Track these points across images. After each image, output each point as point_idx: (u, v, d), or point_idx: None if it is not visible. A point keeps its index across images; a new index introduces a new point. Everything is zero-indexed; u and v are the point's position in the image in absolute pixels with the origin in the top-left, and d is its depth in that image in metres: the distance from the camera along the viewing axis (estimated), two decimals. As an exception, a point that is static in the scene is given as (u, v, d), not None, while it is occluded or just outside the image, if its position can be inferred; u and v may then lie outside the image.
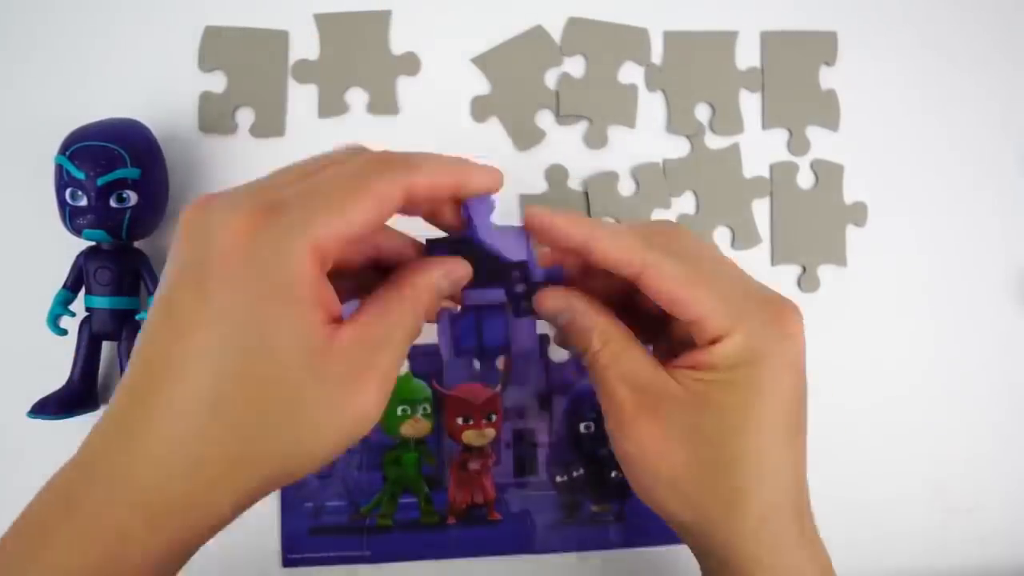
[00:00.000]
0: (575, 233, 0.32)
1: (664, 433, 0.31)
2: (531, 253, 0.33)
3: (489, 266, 0.33)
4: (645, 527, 0.47)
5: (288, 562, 0.45)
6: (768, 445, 0.31)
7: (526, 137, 0.48)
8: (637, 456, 0.32)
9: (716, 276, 0.32)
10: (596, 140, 0.48)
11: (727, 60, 0.49)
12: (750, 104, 0.49)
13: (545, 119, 0.48)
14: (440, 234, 0.33)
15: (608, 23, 0.48)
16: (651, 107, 0.49)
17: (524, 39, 0.48)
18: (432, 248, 0.32)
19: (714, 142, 0.49)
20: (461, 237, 0.32)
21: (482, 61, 0.48)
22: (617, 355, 0.32)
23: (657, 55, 0.49)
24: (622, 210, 0.48)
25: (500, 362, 0.47)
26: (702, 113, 0.49)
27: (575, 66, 0.48)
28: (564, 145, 0.48)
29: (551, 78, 0.48)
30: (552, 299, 0.34)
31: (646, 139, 0.49)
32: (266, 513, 0.45)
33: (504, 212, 0.47)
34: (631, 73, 0.49)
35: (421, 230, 0.32)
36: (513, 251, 0.32)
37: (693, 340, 0.32)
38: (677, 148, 0.49)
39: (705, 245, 0.34)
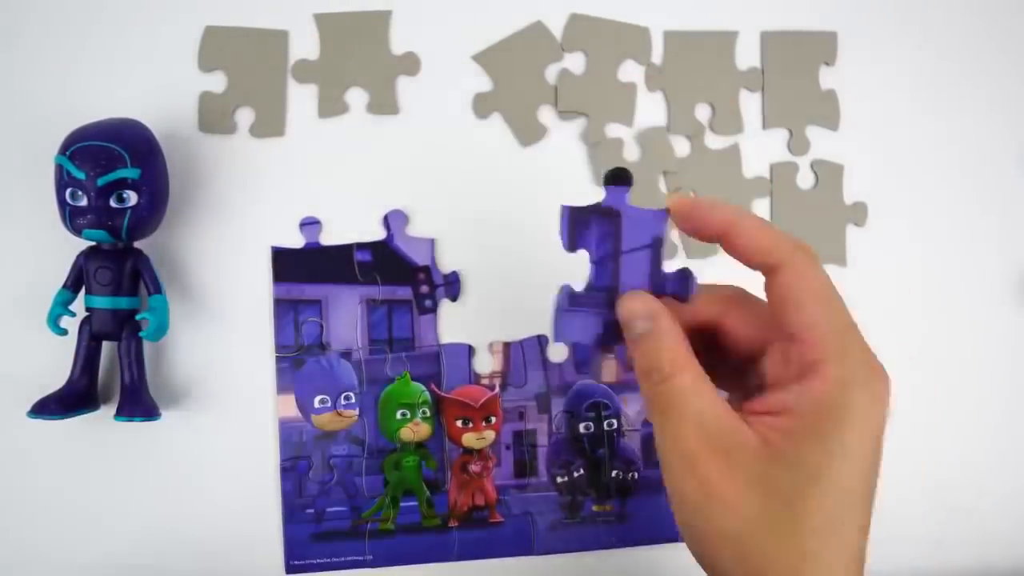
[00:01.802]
0: (720, 217, 0.31)
1: (735, 483, 0.28)
2: (667, 235, 0.32)
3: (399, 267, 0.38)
4: (645, 527, 0.47)
5: (291, 568, 0.45)
6: (845, 509, 0.28)
7: (529, 133, 0.48)
8: (700, 502, 0.29)
9: (835, 302, 0.30)
10: (594, 136, 0.48)
11: (727, 60, 0.49)
12: (750, 104, 0.49)
13: (547, 115, 0.48)
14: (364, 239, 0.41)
15: (610, 20, 0.48)
16: (651, 107, 0.49)
17: (525, 35, 0.48)
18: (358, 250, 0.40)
19: (715, 142, 0.49)
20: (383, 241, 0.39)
21: (483, 58, 0.48)
22: (688, 388, 0.30)
23: (657, 55, 0.49)
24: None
25: (499, 362, 0.47)
26: (702, 113, 0.49)
27: (575, 62, 0.48)
28: (566, 141, 0.48)
29: (552, 74, 0.48)
30: (641, 301, 0.31)
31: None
32: (268, 520, 0.45)
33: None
34: (631, 72, 0.49)
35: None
36: (649, 230, 0.32)
37: (776, 379, 0.30)
38: (678, 148, 0.49)
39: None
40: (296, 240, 0.46)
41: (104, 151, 0.40)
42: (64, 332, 0.42)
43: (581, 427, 0.47)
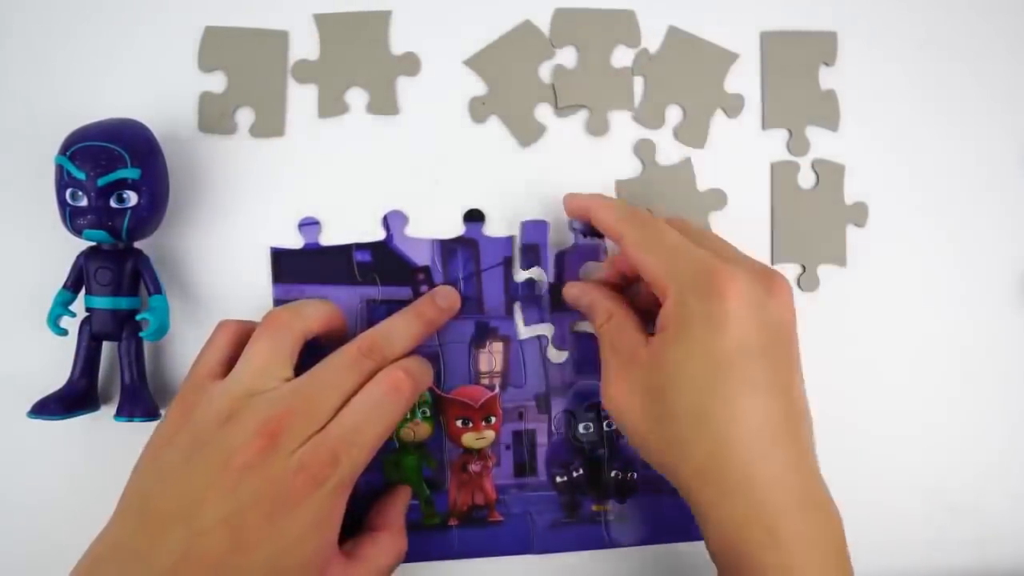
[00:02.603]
0: (581, 203, 0.42)
1: (629, 389, 0.38)
2: (515, 254, 0.47)
3: (398, 268, 0.45)
4: (644, 527, 0.47)
5: (288, 563, 0.45)
6: (700, 399, 0.35)
7: (528, 133, 0.48)
8: (612, 410, 0.39)
9: (664, 243, 0.38)
10: (598, 127, 0.48)
11: (718, 77, 0.49)
12: (750, 104, 0.49)
13: (544, 113, 0.48)
14: (363, 239, 0.46)
15: (595, 9, 0.48)
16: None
17: (513, 36, 0.48)
18: (357, 251, 0.46)
19: (668, 157, 0.49)
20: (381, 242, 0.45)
21: (475, 62, 0.48)
22: (613, 328, 0.40)
23: (648, 42, 0.49)
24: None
25: (499, 362, 0.47)
26: (672, 115, 0.49)
27: (567, 57, 0.48)
28: (566, 137, 0.48)
29: (545, 71, 0.48)
30: (572, 288, 0.44)
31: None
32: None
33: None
34: (624, 57, 0.49)
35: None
36: (500, 252, 0.46)
37: None
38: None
39: (693, 227, 0.41)
40: (295, 241, 0.46)
41: (104, 151, 0.40)
42: (64, 332, 0.42)
43: (581, 427, 0.47)
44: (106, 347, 0.44)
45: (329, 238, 0.46)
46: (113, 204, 0.40)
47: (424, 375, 0.41)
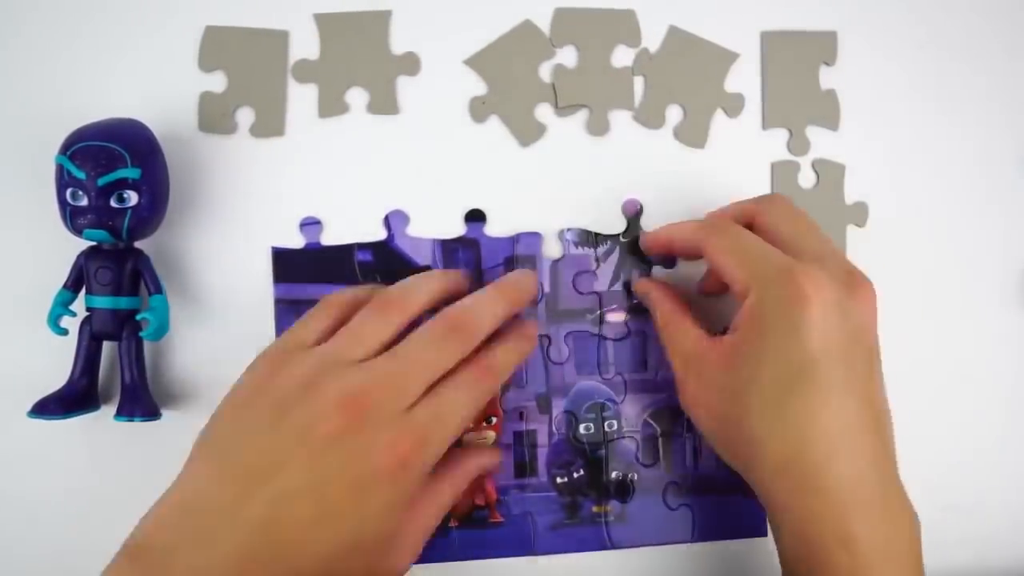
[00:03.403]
0: (661, 238, 0.44)
1: (704, 391, 0.39)
2: (514, 255, 0.47)
3: (402, 269, 0.45)
4: (644, 528, 0.47)
5: (289, 564, 0.45)
6: (775, 399, 0.35)
7: (528, 133, 0.48)
8: (690, 412, 0.41)
9: (746, 246, 0.38)
10: (598, 127, 0.48)
11: (718, 76, 0.49)
12: (750, 104, 0.49)
13: (544, 113, 0.48)
14: (365, 239, 0.46)
15: (595, 9, 0.48)
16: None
17: (513, 35, 0.48)
18: (358, 250, 0.46)
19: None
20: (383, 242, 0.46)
21: (475, 62, 0.48)
22: (674, 330, 0.42)
23: (648, 42, 0.49)
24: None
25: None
26: (672, 114, 0.49)
27: (567, 56, 0.48)
28: (566, 137, 0.48)
29: (545, 71, 0.48)
30: (638, 286, 0.46)
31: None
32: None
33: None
34: (624, 56, 0.49)
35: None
36: (501, 252, 0.47)
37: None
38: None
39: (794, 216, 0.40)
40: (296, 240, 0.46)
41: (104, 151, 0.40)
42: (64, 332, 0.42)
43: (581, 428, 0.47)
44: (106, 347, 0.44)
45: (330, 238, 0.46)
46: (113, 204, 0.40)
47: (512, 363, 0.40)
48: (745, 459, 0.37)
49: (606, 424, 0.47)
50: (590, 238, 0.48)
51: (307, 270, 0.46)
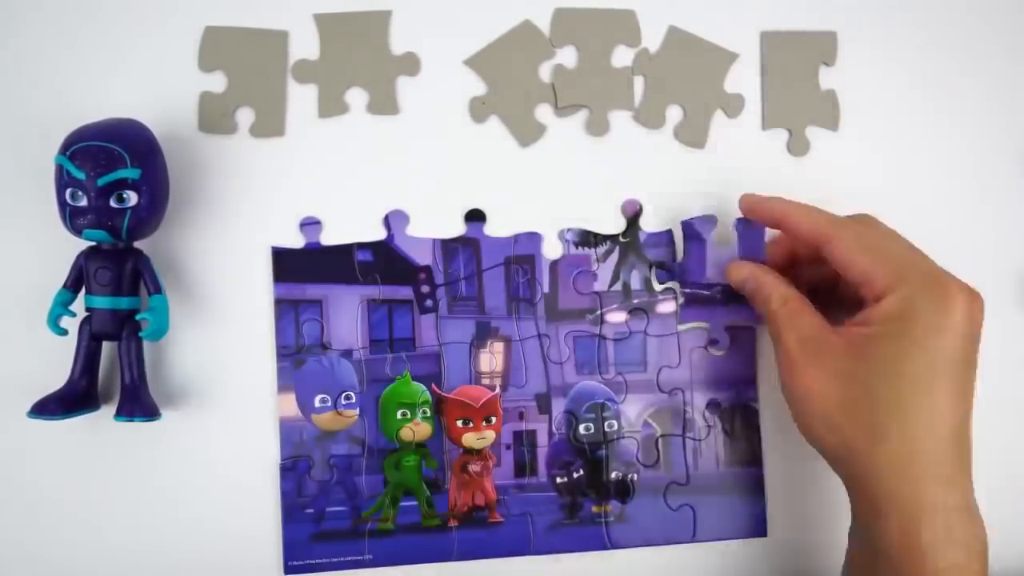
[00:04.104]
0: (776, 208, 0.43)
1: (824, 375, 0.39)
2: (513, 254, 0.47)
3: (400, 267, 0.45)
4: (644, 528, 0.47)
5: (290, 569, 0.45)
6: (910, 392, 0.37)
7: (528, 133, 0.48)
8: (801, 395, 0.40)
9: (887, 248, 0.40)
10: (598, 127, 0.48)
11: (719, 76, 0.49)
12: (750, 104, 0.49)
13: (544, 113, 0.48)
14: (365, 239, 0.46)
15: (595, 9, 0.48)
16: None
17: (513, 35, 0.48)
18: (358, 250, 0.46)
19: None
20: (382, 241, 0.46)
21: (475, 62, 0.48)
22: (792, 314, 0.41)
23: (648, 42, 0.49)
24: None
25: (499, 362, 0.47)
26: (673, 114, 0.49)
27: (567, 56, 0.48)
28: (566, 137, 0.48)
29: (545, 71, 0.48)
30: (737, 270, 0.45)
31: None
32: (267, 521, 0.45)
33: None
34: (624, 57, 0.49)
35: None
36: (501, 252, 0.47)
37: (862, 302, 0.39)
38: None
39: (889, 229, 0.42)
40: (296, 240, 0.46)
41: (104, 151, 0.40)
42: (64, 332, 0.42)
43: (581, 428, 0.47)
44: (106, 347, 0.44)
45: (330, 238, 0.46)
46: (113, 204, 0.40)
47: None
48: (862, 445, 0.38)
49: (606, 424, 0.47)
50: (590, 238, 0.48)
51: (307, 270, 0.46)
